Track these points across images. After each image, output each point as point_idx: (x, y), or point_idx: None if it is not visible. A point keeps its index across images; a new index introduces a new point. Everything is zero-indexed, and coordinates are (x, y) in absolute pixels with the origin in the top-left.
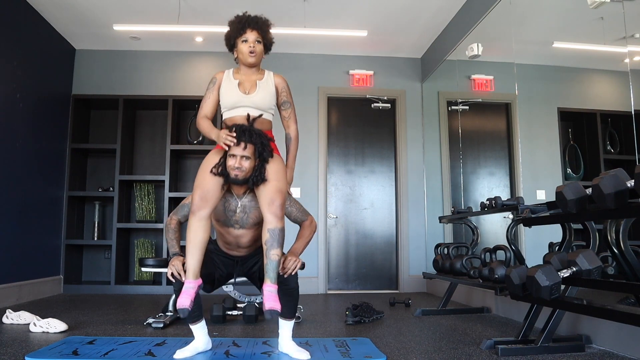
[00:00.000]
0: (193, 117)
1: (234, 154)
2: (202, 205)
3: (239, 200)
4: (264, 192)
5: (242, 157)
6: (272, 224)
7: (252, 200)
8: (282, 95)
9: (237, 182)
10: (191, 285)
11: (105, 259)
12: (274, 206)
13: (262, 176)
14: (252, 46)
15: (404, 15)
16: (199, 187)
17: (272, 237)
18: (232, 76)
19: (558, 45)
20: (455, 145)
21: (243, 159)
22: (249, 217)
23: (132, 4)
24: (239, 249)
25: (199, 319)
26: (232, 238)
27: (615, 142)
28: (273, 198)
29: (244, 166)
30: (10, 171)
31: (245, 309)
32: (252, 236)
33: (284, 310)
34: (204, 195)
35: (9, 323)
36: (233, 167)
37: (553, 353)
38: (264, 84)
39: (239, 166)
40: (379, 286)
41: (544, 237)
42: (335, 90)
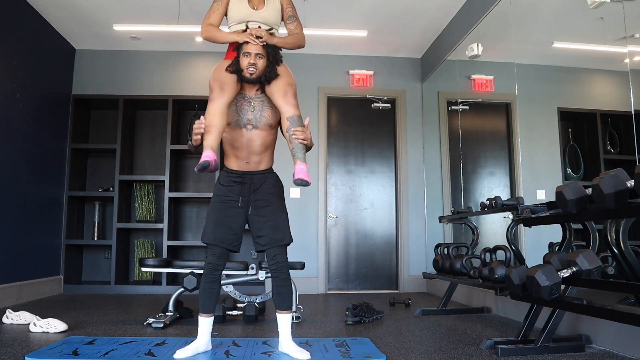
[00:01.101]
0: (193, 117)
1: (249, 52)
2: (221, 93)
3: (251, 100)
4: (277, 86)
5: (256, 54)
6: (289, 112)
7: (264, 99)
8: (287, 10)
9: (250, 80)
10: (210, 153)
11: (105, 259)
12: (288, 96)
13: (275, 71)
14: None
15: (404, 15)
16: (216, 80)
17: (292, 122)
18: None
19: (558, 45)
20: (455, 145)
21: (257, 57)
22: (262, 116)
23: (132, 4)
24: (249, 158)
25: (211, 311)
26: (244, 141)
27: (615, 142)
28: (286, 90)
29: (258, 63)
30: (10, 171)
31: (245, 309)
32: (264, 140)
33: (280, 302)
34: (222, 85)
35: (9, 323)
36: (248, 64)
37: (553, 353)
38: (271, 0)
39: (254, 62)
40: (379, 286)
41: (544, 237)
42: (335, 90)
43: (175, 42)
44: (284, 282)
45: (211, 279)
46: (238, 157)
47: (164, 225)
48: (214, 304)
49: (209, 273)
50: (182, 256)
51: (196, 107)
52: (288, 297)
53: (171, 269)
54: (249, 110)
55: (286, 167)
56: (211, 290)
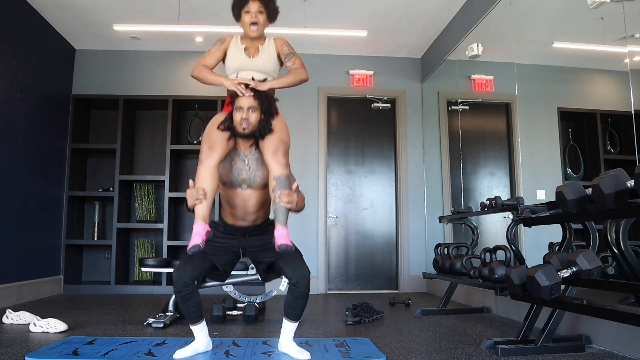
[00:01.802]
0: (193, 117)
1: (241, 106)
2: (210, 154)
3: (245, 158)
4: (268, 143)
5: (249, 108)
6: (277, 171)
7: (258, 157)
8: (283, 50)
9: (244, 135)
10: (201, 227)
11: (105, 259)
12: (278, 155)
13: (269, 127)
14: (254, 17)
15: (404, 15)
16: (207, 139)
17: (279, 183)
18: (240, 41)
19: (558, 45)
20: (455, 145)
21: (250, 111)
22: (256, 175)
23: (132, 4)
24: (245, 216)
25: (200, 319)
26: (239, 200)
27: (615, 142)
28: (276, 147)
29: (251, 118)
30: (10, 171)
31: (245, 309)
32: (259, 199)
33: (290, 312)
34: (211, 145)
35: (9, 323)
36: (240, 120)
37: (553, 353)
38: (266, 48)
39: (247, 117)
40: (379, 286)
41: (544, 237)
42: (335, 90)
43: (175, 42)
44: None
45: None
46: (234, 215)
47: (164, 225)
48: (199, 312)
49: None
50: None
51: (196, 107)
52: (301, 309)
53: (171, 269)
54: (244, 170)
55: None
56: (189, 305)
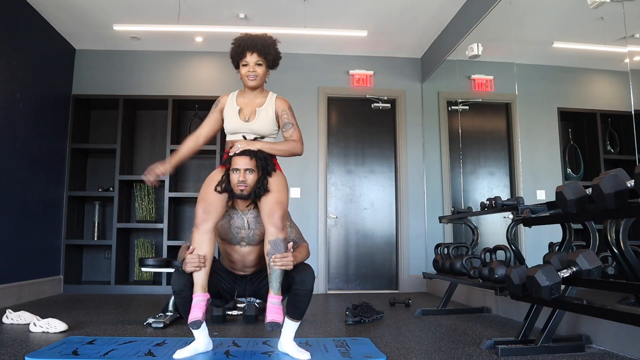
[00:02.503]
0: (193, 117)
1: (238, 168)
2: (205, 218)
3: (244, 217)
4: (265, 204)
5: (245, 170)
6: (272, 235)
7: (257, 215)
8: (282, 118)
9: (242, 197)
10: (201, 298)
11: (105, 259)
12: (274, 217)
13: (265, 187)
14: (252, 70)
15: (404, 15)
16: (202, 201)
17: (274, 247)
18: (236, 100)
19: (558, 45)
20: (455, 145)
21: (247, 172)
22: (255, 234)
23: (132, 4)
24: (244, 269)
25: None
26: (238, 257)
27: (615, 142)
28: (273, 209)
29: (248, 179)
30: (10, 171)
31: (245, 309)
32: (258, 254)
33: (293, 310)
34: (206, 209)
35: (9, 323)
36: (237, 181)
37: (553, 353)
38: (263, 110)
39: (243, 179)
40: (379, 286)
41: (544, 237)
42: (335, 90)
43: (175, 42)
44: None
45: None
46: (233, 268)
47: (164, 225)
48: None
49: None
50: None
51: (196, 107)
52: (303, 309)
53: (171, 269)
54: (242, 229)
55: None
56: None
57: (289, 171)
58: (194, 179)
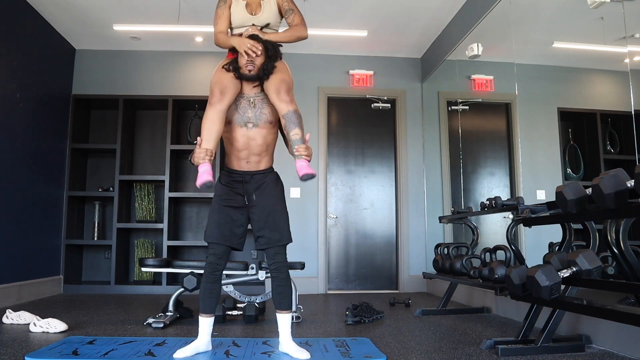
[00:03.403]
0: (193, 117)
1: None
2: (221, 98)
3: (250, 98)
4: (271, 83)
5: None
6: (284, 109)
7: (263, 97)
8: (283, 5)
9: (249, 77)
10: (207, 167)
11: (105, 259)
12: (282, 93)
13: (272, 66)
14: None
15: (404, 15)
16: (217, 83)
17: (289, 119)
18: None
19: (558, 45)
20: (455, 145)
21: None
22: (262, 113)
23: (132, 4)
24: (249, 157)
25: (212, 312)
26: (244, 140)
27: (615, 142)
28: (278, 86)
29: (256, 61)
30: (10, 171)
31: (245, 309)
32: (264, 139)
33: (281, 301)
34: (222, 89)
35: (9, 323)
36: (246, 62)
37: (553, 353)
38: (267, 4)
39: (251, 59)
40: (379, 286)
41: (544, 237)
42: (335, 90)
43: (175, 42)
44: (284, 282)
45: (212, 279)
46: (238, 157)
47: (164, 225)
48: (215, 304)
49: (210, 273)
50: (182, 256)
51: (196, 107)
52: (288, 297)
53: (171, 269)
54: (249, 109)
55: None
56: (212, 290)
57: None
58: (194, 179)
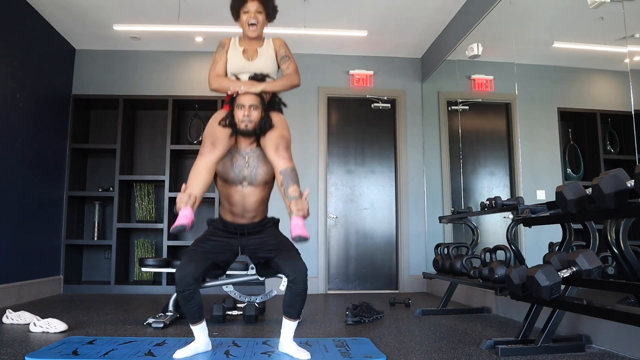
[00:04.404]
0: (193, 117)
1: (242, 104)
2: (212, 149)
3: (246, 155)
4: (269, 140)
5: (250, 106)
6: (282, 166)
7: (259, 154)
8: (280, 52)
9: (246, 132)
10: (188, 212)
11: (105, 259)
12: (280, 149)
13: (270, 122)
14: (253, 17)
15: (404, 15)
16: (209, 135)
17: (285, 176)
18: (238, 43)
19: (558, 45)
20: (455, 145)
21: (251, 109)
22: (257, 173)
23: (132, 4)
24: (244, 214)
25: (200, 319)
26: (238, 197)
27: (615, 142)
28: (278, 143)
29: (252, 116)
30: (10, 171)
31: (245, 309)
32: (259, 197)
33: (290, 310)
34: (214, 141)
35: (9, 323)
36: (242, 117)
37: (553, 353)
38: (264, 50)
39: (248, 115)
40: (379, 286)
41: (544, 237)
42: (335, 90)
43: (175, 42)
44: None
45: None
46: (233, 213)
47: (164, 225)
48: (201, 313)
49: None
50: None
51: (196, 107)
52: (300, 307)
53: (171, 269)
54: (244, 167)
55: None
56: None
57: None
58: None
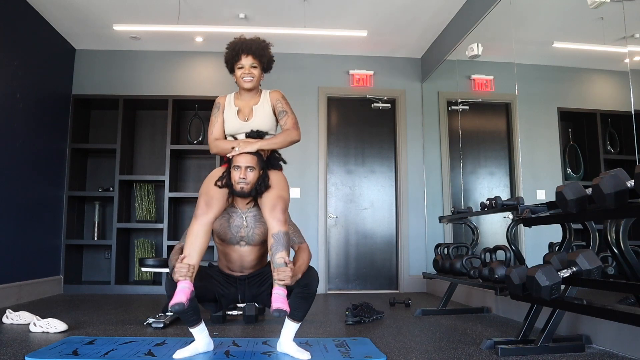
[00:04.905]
0: (193, 117)
1: (239, 165)
2: (206, 210)
3: (243, 215)
4: (266, 199)
5: (246, 167)
6: (275, 228)
7: (256, 214)
8: (277, 106)
9: (242, 194)
10: (186, 285)
11: (105, 259)
12: (276, 211)
13: (266, 183)
14: (248, 72)
15: (404, 15)
16: (204, 194)
17: (277, 240)
18: (233, 102)
19: (558, 45)
20: (455, 145)
21: (247, 170)
22: (254, 233)
23: (132, 4)
24: (242, 270)
25: (198, 322)
26: (236, 256)
27: (615, 142)
28: (275, 204)
29: (248, 177)
30: (10, 171)
31: (245, 309)
32: (257, 255)
33: (295, 312)
34: (208, 201)
35: (9, 323)
36: (238, 179)
37: (553, 353)
38: (260, 107)
39: (244, 177)
40: (379, 286)
41: (544, 237)
42: (335, 90)
43: (175, 42)
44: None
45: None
46: (231, 269)
47: (164, 225)
48: (197, 316)
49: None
50: None
51: (196, 107)
52: (305, 310)
53: None
54: (242, 227)
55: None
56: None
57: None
58: (193, 179)
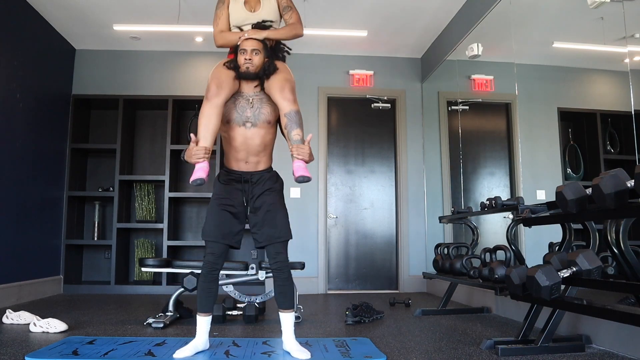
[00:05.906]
0: (193, 117)
1: (245, 49)
2: (217, 92)
3: (249, 97)
4: (274, 82)
5: (252, 50)
6: (287, 108)
7: (263, 97)
8: (281, 3)
9: (248, 75)
10: (205, 164)
11: (105, 259)
12: (285, 91)
13: (274, 66)
14: None
15: (404, 15)
16: (215, 79)
17: (290, 119)
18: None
19: (558, 45)
20: (455, 145)
21: (253, 53)
22: (260, 113)
23: (132, 4)
24: (247, 157)
25: (210, 311)
26: (242, 140)
27: (615, 142)
28: (282, 85)
29: (254, 59)
30: (10, 171)
31: (245, 309)
32: (262, 138)
33: (283, 300)
34: (219, 84)
35: (9, 323)
36: (244, 61)
37: (553, 353)
38: (266, 0)
39: (250, 58)
40: (379, 286)
41: (544, 237)
42: (335, 90)
43: (175, 42)
44: (286, 281)
45: (210, 278)
46: (237, 158)
47: (164, 225)
48: (213, 303)
49: (208, 272)
50: (182, 256)
51: (196, 107)
52: (290, 296)
53: (171, 269)
54: (248, 108)
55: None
56: (210, 289)
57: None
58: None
